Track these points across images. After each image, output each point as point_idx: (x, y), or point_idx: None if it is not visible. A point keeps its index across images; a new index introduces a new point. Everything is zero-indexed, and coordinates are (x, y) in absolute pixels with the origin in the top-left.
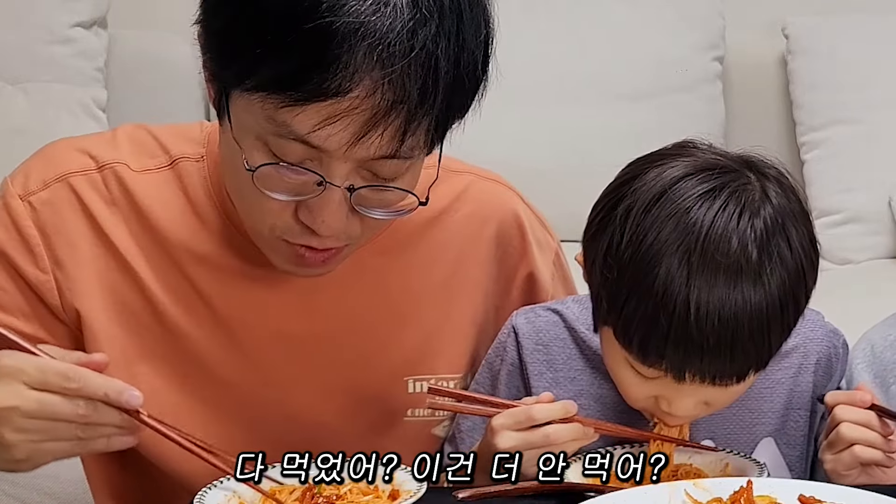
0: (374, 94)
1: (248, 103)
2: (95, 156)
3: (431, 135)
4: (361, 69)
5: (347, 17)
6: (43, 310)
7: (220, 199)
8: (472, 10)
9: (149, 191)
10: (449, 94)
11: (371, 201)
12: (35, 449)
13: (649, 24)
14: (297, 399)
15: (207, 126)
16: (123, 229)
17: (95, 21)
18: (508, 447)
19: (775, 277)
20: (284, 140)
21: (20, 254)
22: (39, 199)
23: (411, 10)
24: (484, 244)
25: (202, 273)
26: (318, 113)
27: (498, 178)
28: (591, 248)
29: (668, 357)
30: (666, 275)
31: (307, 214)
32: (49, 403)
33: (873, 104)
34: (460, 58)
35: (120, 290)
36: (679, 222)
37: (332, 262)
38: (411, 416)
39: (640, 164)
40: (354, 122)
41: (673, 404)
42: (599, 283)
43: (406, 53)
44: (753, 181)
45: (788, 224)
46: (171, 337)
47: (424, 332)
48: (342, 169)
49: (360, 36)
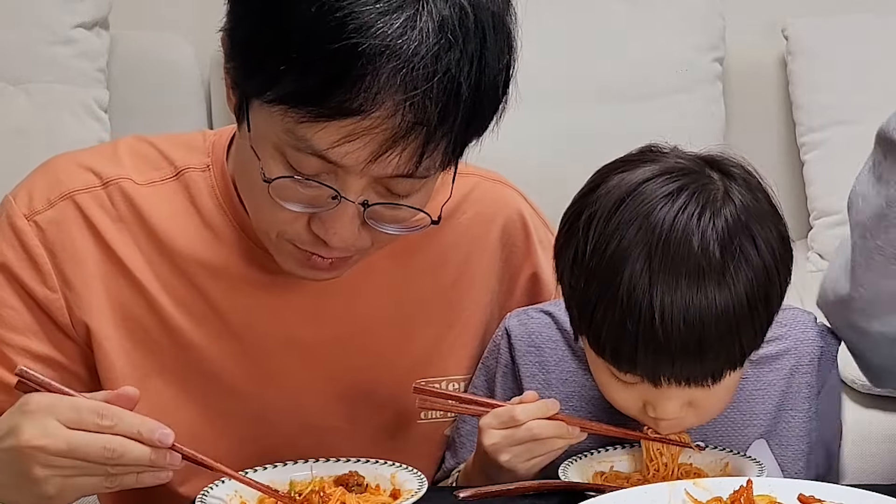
0: (394, 115)
1: (269, 114)
2: (99, 172)
3: (449, 155)
4: (384, 90)
5: (374, 38)
6: (53, 328)
7: (229, 207)
8: (496, 35)
9: (155, 203)
10: (468, 117)
11: (384, 217)
12: (65, 484)
13: (649, 24)
14: (310, 405)
15: (210, 135)
16: (131, 245)
17: (97, 22)
18: (493, 443)
19: (741, 277)
20: (302, 154)
21: (28, 273)
22: (45, 218)
23: (437, 35)
24: (489, 245)
25: (212, 283)
26: (337, 130)
27: (501, 178)
28: (559, 259)
29: (639, 363)
30: (629, 280)
31: (320, 226)
32: (78, 444)
33: (873, 104)
34: (481, 81)
35: (129, 305)
36: (641, 226)
37: (339, 268)
38: (425, 419)
39: (603, 172)
40: (374, 140)
41: (657, 408)
42: (569, 294)
43: (429, 77)
44: (716, 181)
45: (753, 223)
46: (182, 350)
47: (435, 334)
48: (357, 184)
49: (385, 58)
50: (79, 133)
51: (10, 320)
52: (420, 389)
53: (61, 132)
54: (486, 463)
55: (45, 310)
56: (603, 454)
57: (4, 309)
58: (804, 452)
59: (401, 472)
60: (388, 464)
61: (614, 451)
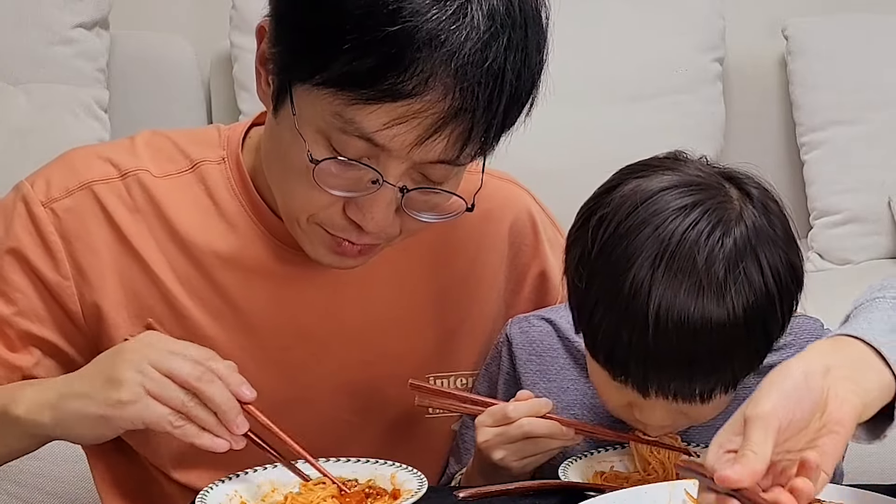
0: (444, 100)
1: (316, 97)
2: (117, 163)
3: (488, 143)
4: (436, 74)
5: (429, 23)
6: (61, 315)
7: (246, 199)
8: (535, 27)
9: (172, 195)
10: (508, 106)
11: (419, 204)
12: (141, 396)
13: (650, 24)
14: (321, 398)
15: (225, 129)
16: (147, 236)
17: (97, 22)
18: (486, 441)
19: (741, 299)
20: (348, 136)
21: (41, 259)
22: (62, 206)
23: (487, 24)
24: (498, 242)
25: (227, 275)
26: (388, 113)
27: (510, 177)
28: (568, 254)
29: (631, 372)
30: (630, 287)
31: (356, 211)
32: (175, 363)
33: (873, 104)
34: (522, 72)
35: (143, 296)
36: (649, 235)
37: (366, 255)
38: (433, 414)
39: (624, 173)
40: (421, 124)
41: (644, 413)
42: (572, 290)
43: (479, 64)
44: (734, 200)
45: (762, 247)
46: (196, 341)
47: (445, 330)
48: (399, 168)
49: (438, 43)
50: (79, 133)
51: (18, 303)
52: (417, 386)
53: (61, 132)
54: (482, 462)
55: (56, 296)
56: (603, 454)
57: (13, 292)
58: None
59: (401, 472)
60: (389, 464)
61: (614, 451)
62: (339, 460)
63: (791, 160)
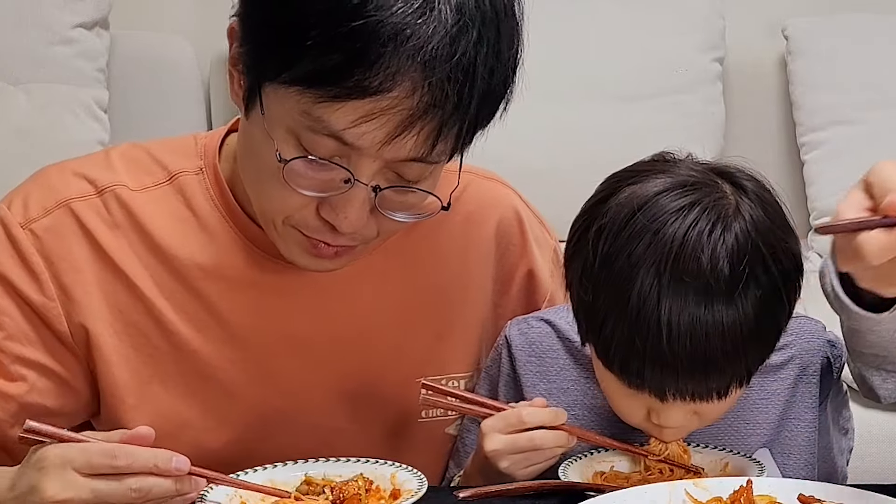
0: (412, 96)
1: (284, 96)
2: (93, 179)
3: (461, 140)
4: (403, 70)
5: (394, 17)
6: (49, 336)
7: (225, 208)
8: (508, 23)
9: (150, 209)
10: (481, 102)
11: (393, 203)
12: None
13: (649, 24)
14: (312, 406)
15: (201, 137)
16: (128, 251)
17: (97, 22)
18: (494, 448)
19: (750, 295)
20: (317, 135)
21: (25, 281)
22: (41, 226)
23: (455, 18)
24: (485, 243)
25: (210, 286)
26: (355, 110)
27: (496, 176)
28: (568, 269)
29: (647, 379)
30: (639, 296)
31: (329, 211)
32: (102, 489)
33: (873, 104)
34: (495, 68)
35: (128, 312)
36: (651, 241)
37: (343, 258)
38: (426, 418)
39: (615, 181)
40: (391, 121)
41: (662, 415)
42: (578, 304)
43: (447, 58)
44: (728, 195)
45: (763, 240)
46: (182, 355)
47: (434, 333)
48: (370, 167)
49: (405, 37)
50: (79, 133)
51: (6, 327)
52: (428, 386)
53: (61, 132)
54: (485, 466)
55: (43, 318)
56: (603, 454)
57: (0, 316)
58: (807, 463)
59: (401, 472)
60: (388, 464)
61: (614, 452)
62: (339, 460)
63: (791, 160)
